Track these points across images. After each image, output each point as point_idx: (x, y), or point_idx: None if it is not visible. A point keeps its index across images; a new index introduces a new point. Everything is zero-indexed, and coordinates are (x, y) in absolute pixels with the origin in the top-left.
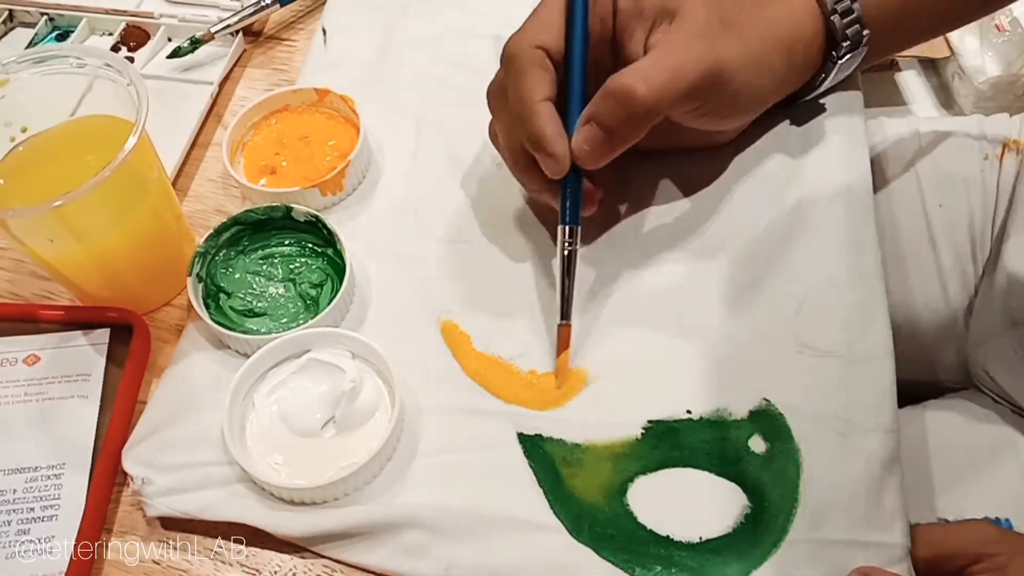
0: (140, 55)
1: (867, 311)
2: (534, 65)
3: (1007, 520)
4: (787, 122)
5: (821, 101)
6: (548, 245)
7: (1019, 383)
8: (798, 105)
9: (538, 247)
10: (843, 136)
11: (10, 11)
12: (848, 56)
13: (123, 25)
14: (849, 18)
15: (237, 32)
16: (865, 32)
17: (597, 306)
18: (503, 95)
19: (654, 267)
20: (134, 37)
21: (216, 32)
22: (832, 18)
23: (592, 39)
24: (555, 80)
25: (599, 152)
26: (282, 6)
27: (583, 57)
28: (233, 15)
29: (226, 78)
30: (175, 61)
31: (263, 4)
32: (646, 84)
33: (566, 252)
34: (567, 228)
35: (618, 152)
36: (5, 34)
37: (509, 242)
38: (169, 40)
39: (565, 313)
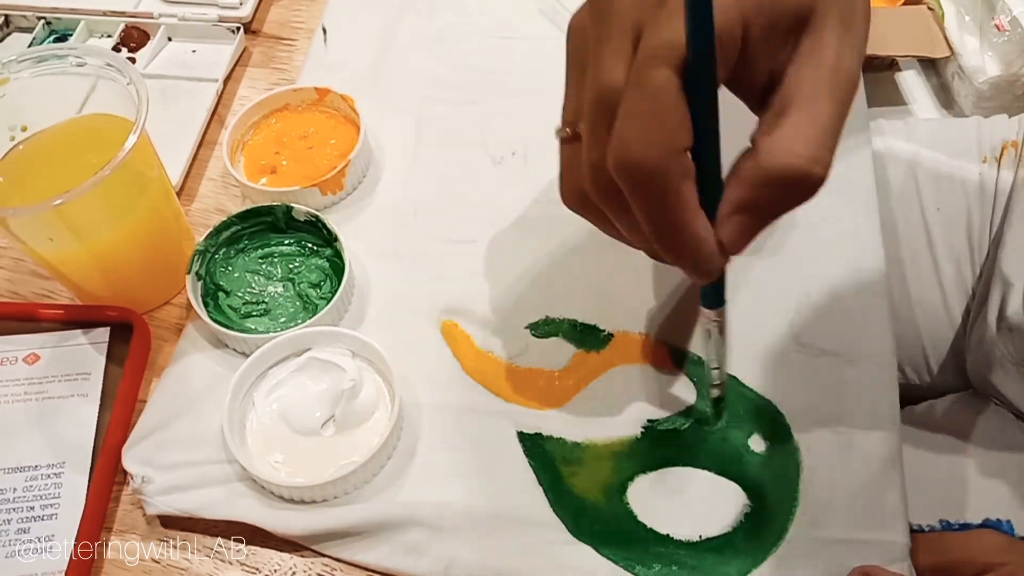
0: (141, 55)
1: (868, 310)
2: (685, 178)
3: (1008, 522)
4: None
5: None
6: (548, 244)
7: (1017, 389)
8: None
9: (538, 246)
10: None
11: (6, 16)
12: None
13: (122, 26)
14: None
15: (238, 29)
16: None
17: (598, 305)
18: (625, 204)
19: (654, 268)
20: (134, 38)
21: None
22: None
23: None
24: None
25: (754, 236)
26: None
27: (716, 138)
28: None
29: (227, 77)
30: (176, 60)
31: None
32: (819, 163)
33: (718, 329)
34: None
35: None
36: (2, 39)
37: (509, 241)
38: (170, 40)
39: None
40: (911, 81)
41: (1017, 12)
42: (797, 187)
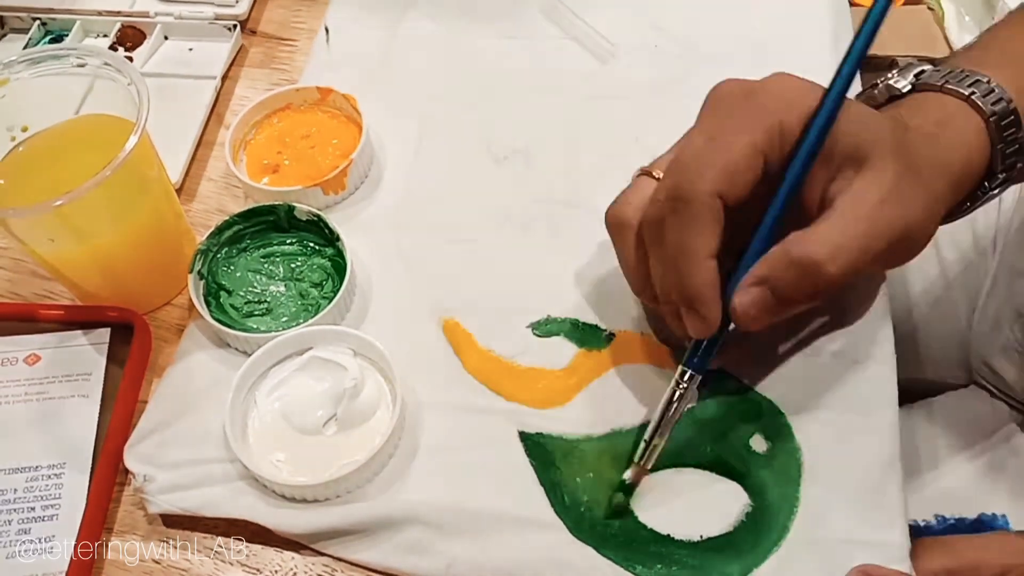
0: (138, 54)
1: (869, 312)
2: (710, 217)
3: (1003, 516)
4: None
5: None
6: (550, 243)
7: (1021, 375)
8: None
9: (540, 245)
10: None
11: (1, 17)
12: (999, 189)
13: (118, 26)
14: (1013, 148)
15: (235, 26)
16: (1020, 164)
17: (600, 305)
18: (661, 231)
19: None
20: (130, 38)
21: None
22: (998, 146)
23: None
24: (723, 234)
25: (766, 317)
26: None
27: (780, 213)
28: None
29: (226, 77)
30: (173, 58)
31: None
32: (835, 262)
33: (676, 394)
34: (688, 372)
35: (784, 317)
36: None
37: (510, 241)
38: (166, 38)
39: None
40: None
41: None
42: (810, 275)
